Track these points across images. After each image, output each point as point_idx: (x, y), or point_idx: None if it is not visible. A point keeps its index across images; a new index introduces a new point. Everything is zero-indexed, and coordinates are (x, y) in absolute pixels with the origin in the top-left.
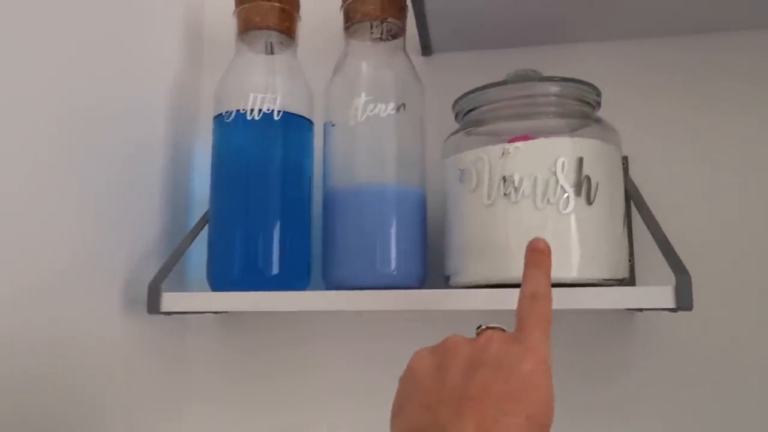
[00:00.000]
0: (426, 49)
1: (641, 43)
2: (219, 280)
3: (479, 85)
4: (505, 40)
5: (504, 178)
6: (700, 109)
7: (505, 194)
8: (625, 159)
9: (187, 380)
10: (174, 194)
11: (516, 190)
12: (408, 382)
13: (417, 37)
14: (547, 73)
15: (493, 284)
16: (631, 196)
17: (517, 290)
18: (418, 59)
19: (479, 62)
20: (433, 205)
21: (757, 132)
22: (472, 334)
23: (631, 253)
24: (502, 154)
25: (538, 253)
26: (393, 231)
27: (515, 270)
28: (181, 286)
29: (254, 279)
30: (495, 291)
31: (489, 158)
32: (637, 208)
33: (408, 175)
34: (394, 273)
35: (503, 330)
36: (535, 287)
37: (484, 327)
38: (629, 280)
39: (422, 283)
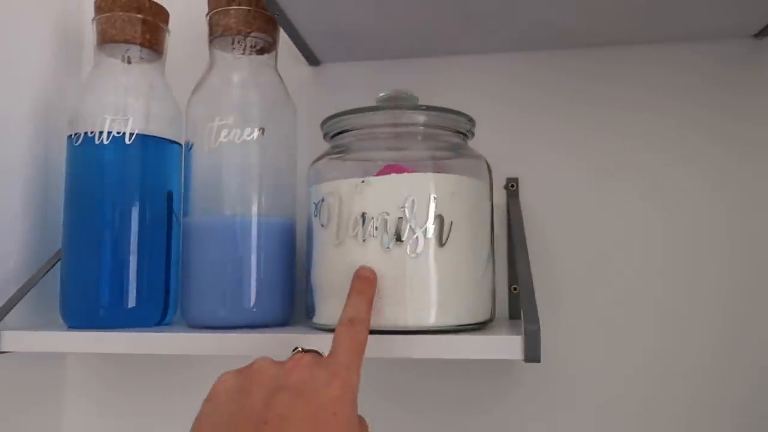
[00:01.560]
0: (311, 59)
1: (527, 56)
2: (70, 316)
3: (369, 95)
4: (391, 51)
5: (354, 216)
6: (585, 121)
7: (353, 234)
8: (514, 181)
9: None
10: (41, 219)
11: (364, 230)
12: (208, 404)
13: None
14: (431, 87)
15: None
16: (513, 227)
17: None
18: (305, 70)
19: (369, 73)
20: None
21: (650, 144)
22: None
23: (517, 279)
24: (354, 189)
25: (363, 281)
26: (252, 266)
27: None
28: (54, 320)
29: (106, 314)
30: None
31: (340, 193)
32: (515, 244)
33: (271, 205)
34: (254, 310)
35: (318, 353)
36: (354, 313)
37: (299, 349)
38: (513, 311)
39: (287, 320)
